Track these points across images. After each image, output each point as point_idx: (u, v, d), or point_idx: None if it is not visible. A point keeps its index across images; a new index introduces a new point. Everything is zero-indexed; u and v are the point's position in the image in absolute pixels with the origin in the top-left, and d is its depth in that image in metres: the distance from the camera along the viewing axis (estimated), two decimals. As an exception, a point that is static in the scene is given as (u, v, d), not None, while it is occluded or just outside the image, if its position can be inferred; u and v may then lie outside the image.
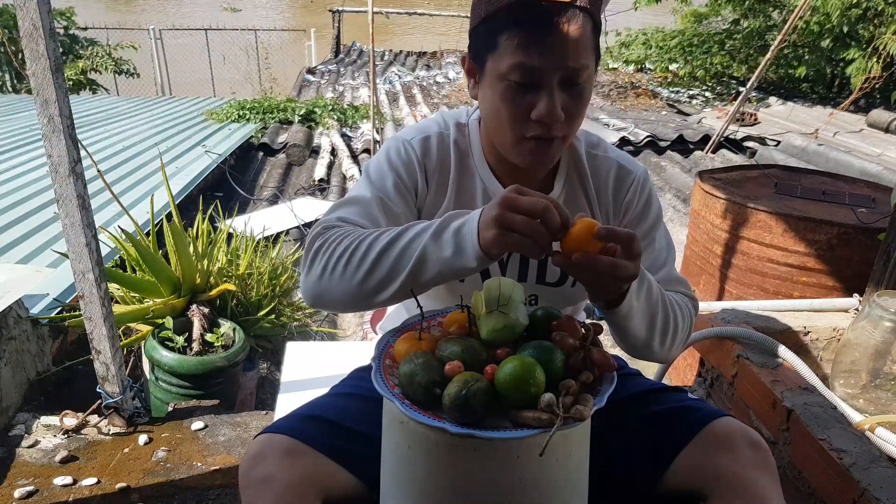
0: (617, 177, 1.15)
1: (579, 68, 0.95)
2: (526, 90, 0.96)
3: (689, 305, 1.13)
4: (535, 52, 0.93)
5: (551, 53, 0.93)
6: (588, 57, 0.96)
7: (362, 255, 0.95)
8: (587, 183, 1.14)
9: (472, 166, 1.13)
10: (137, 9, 21.97)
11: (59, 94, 1.56)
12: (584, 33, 0.95)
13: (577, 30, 0.93)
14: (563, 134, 1.00)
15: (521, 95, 0.97)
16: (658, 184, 5.39)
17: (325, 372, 1.72)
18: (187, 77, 11.73)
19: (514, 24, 0.94)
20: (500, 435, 0.79)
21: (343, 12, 13.03)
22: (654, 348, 1.04)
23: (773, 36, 8.28)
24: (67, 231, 1.68)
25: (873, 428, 1.60)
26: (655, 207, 1.17)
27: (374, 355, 0.93)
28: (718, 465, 0.98)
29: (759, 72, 6.02)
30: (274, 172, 5.51)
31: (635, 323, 0.99)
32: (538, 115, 0.96)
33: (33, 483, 1.71)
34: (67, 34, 9.82)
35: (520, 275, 1.14)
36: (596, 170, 1.14)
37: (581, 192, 1.14)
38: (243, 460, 0.99)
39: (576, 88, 0.97)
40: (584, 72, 0.96)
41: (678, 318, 1.06)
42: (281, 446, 0.98)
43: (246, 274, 2.66)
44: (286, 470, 0.95)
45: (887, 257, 1.93)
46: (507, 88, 0.97)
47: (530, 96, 0.96)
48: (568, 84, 0.96)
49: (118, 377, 1.86)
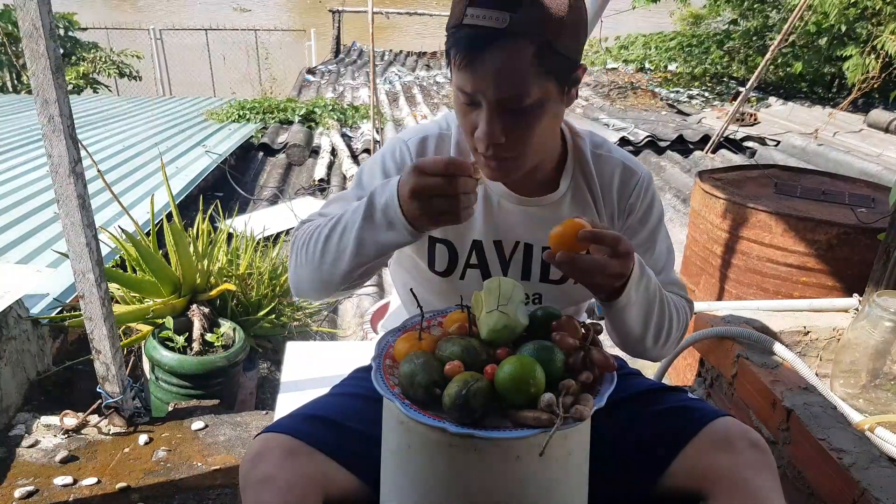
0: (622, 178, 1.15)
1: (514, 96, 0.93)
2: (471, 107, 0.97)
3: (685, 307, 1.14)
4: (469, 77, 0.93)
5: (482, 81, 0.93)
6: (528, 84, 0.92)
7: (315, 243, 1.04)
8: (592, 182, 1.14)
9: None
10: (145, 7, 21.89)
11: (59, 94, 1.56)
12: (520, 60, 0.91)
13: (509, 58, 0.90)
14: (511, 155, 0.99)
15: (468, 111, 0.98)
16: (658, 184, 5.39)
17: (325, 372, 1.72)
18: (187, 77, 11.72)
19: (455, 46, 0.94)
20: (500, 435, 0.79)
21: (343, 12, 13.03)
22: (647, 344, 1.06)
23: (772, 36, 8.28)
24: (67, 231, 1.68)
25: (873, 428, 1.60)
26: (658, 210, 1.18)
27: (374, 355, 0.93)
28: (718, 465, 0.98)
29: (759, 72, 6.02)
30: (274, 172, 5.51)
31: (631, 317, 1.00)
32: (478, 135, 0.97)
33: (33, 483, 1.71)
34: (69, 37, 9.82)
35: (523, 273, 1.15)
36: (601, 169, 1.15)
37: (587, 191, 1.14)
38: (244, 460, 0.99)
39: (519, 112, 0.95)
40: (524, 99, 0.93)
41: (673, 317, 1.07)
42: (282, 446, 0.98)
43: (246, 274, 2.66)
44: (287, 470, 0.95)
45: (887, 257, 1.93)
46: (460, 102, 0.99)
47: (475, 113, 0.97)
48: (509, 108, 0.94)
49: (118, 377, 1.87)
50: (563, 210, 1.13)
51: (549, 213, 1.12)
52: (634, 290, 0.97)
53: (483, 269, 1.14)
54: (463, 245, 1.13)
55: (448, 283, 1.16)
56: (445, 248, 1.14)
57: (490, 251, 1.14)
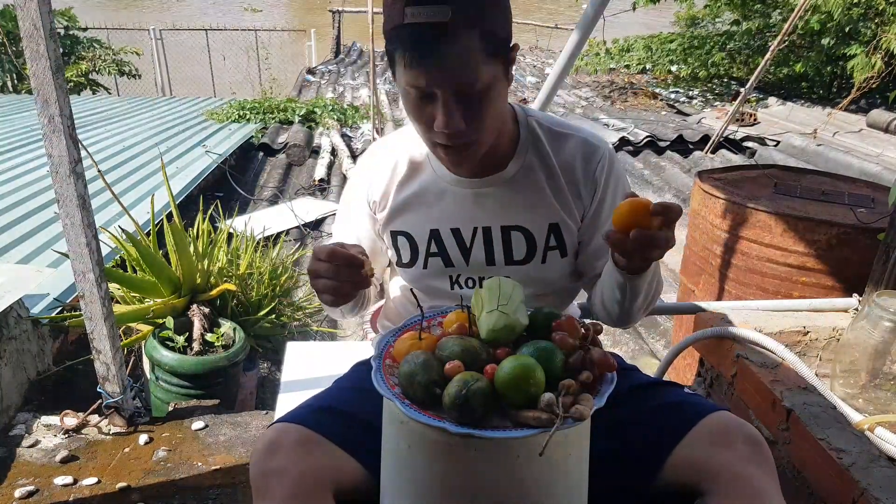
0: (584, 154, 1.18)
1: (468, 83, 0.97)
2: (425, 101, 1.01)
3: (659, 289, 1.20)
4: (420, 73, 0.97)
5: (435, 74, 0.97)
6: (479, 69, 0.97)
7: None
8: (548, 160, 1.17)
9: (424, 160, 1.19)
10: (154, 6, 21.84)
11: (59, 94, 1.56)
12: (468, 50, 0.95)
13: (457, 49, 0.95)
14: (472, 139, 1.04)
15: (422, 106, 1.02)
16: (658, 184, 5.39)
17: (325, 372, 1.72)
18: (187, 77, 11.72)
19: (401, 46, 0.97)
20: (500, 435, 0.79)
21: (343, 12, 13.03)
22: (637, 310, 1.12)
23: (772, 36, 8.28)
24: (68, 231, 1.68)
25: (873, 428, 1.60)
26: (624, 181, 1.21)
27: (374, 355, 0.93)
28: (715, 460, 0.98)
29: (759, 72, 6.02)
30: (274, 172, 5.51)
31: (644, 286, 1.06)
32: (436, 127, 1.01)
33: (34, 483, 1.71)
34: (69, 35, 9.82)
35: (486, 258, 1.18)
36: (559, 148, 1.18)
37: (541, 171, 1.17)
38: (256, 450, 1.00)
39: (473, 97, 0.99)
40: (476, 84, 0.98)
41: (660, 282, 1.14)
42: (295, 436, 0.99)
43: (246, 274, 2.66)
44: (300, 461, 0.96)
45: (887, 257, 1.93)
46: (408, 100, 1.03)
47: (430, 107, 1.01)
48: (463, 95, 0.99)
49: (118, 377, 1.87)
50: (515, 189, 1.16)
51: (501, 193, 1.16)
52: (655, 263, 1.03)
53: (444, 256, 1.18)
54: (421, 235, 1.19)
55: (413, 273, 1.21)
56: (406, 240, 1.20)
57: (448, 238, 1.18)
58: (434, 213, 1.18)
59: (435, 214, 1.18)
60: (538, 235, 1.17)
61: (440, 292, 1.21)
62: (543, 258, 1.18)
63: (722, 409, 1.05)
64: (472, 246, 1.17)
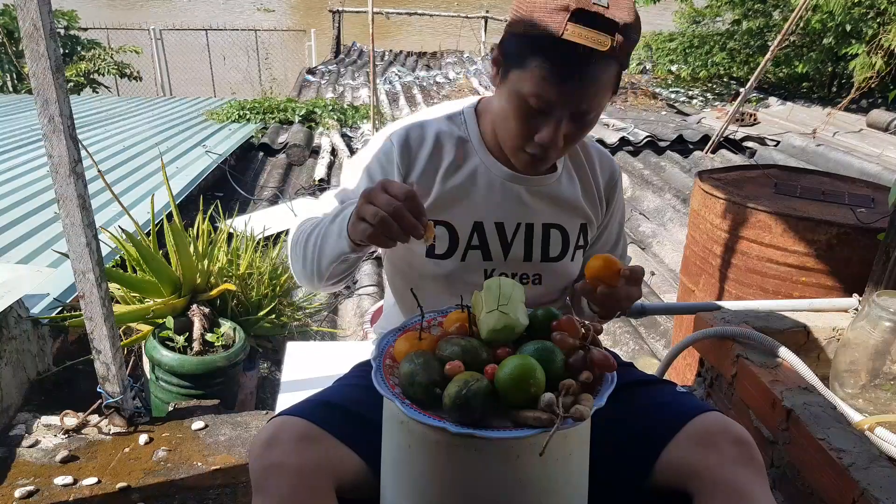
0: (602, 166, 1.27)
1: (590, 110, 1.02)
2: (537, 114, 1.01)
3: None
4: (556, 90, 0.97)
5: (571, 94, 0.98)
6: (605, 99, 1.01)
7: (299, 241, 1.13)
8: (581, 164, 1.24)
9: (471, 150, 1.17)
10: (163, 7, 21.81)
11: (59, 94, 1.56)
12: (607, 80, 0.99)
13: (600, 77, 0.97)
14: (560, 153, 1.09)
15: (531, 117, 1.02)
16: (658, 184, 5.39)
17: (325, 372, 1.72)
18: (187, 77, 11.73)
19: (545, 57, 0.96)
20: (500, 435, 0.79)
21: (343, 12, 13.03)
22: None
23: (772, 35, 8.28)
24: (68, 231, 1.68)
25: (873, 428, 1.60)
26: (622, 203, 1.33)
27: (374, 355, 0.93)
28: (701, 462, 0.98)
29: (759, 72, 6.01)
30: (274, 172, 5.51)
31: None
32: (540, 140, 1.03)
33: (34, 483, 1.71)
34: (69, 35, 9.82)
35: (525, 254, 1.19)
36: (587, 154, 1.26)
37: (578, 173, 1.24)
38: (256, 443, 0.99)
39: (583, 121, 1.03)
40: (593, 112, 1.02)
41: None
42: (295, 430, 0.98)
43: (246, 274, 2.66)
44: (300, 455, 0.95)
45: (887, 257, 1.93)
46: (521, 106, 1.02)
47: (538, 120, 1.02)
48: (577, 119, 1.02)
49: (118, 377, 1.87)
50: (562, 190, 1.20)
51: (550, 191, 1.20)
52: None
53: (484, 250, 1.17)
54: (464, 226, 1.17)
55: (447, 265, 1.17)
56: (445, 231, 1.17)
57: (491, 232, 1.17)
58: (481, 205, 1.16)
59: (482, 206, 1.16)
60: (572, 234, 1.22)
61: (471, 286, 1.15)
62: (573, 256, 1.23)
63: (711, 410, 1.05)
64: (514, 241, 1.18)
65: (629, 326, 3.30)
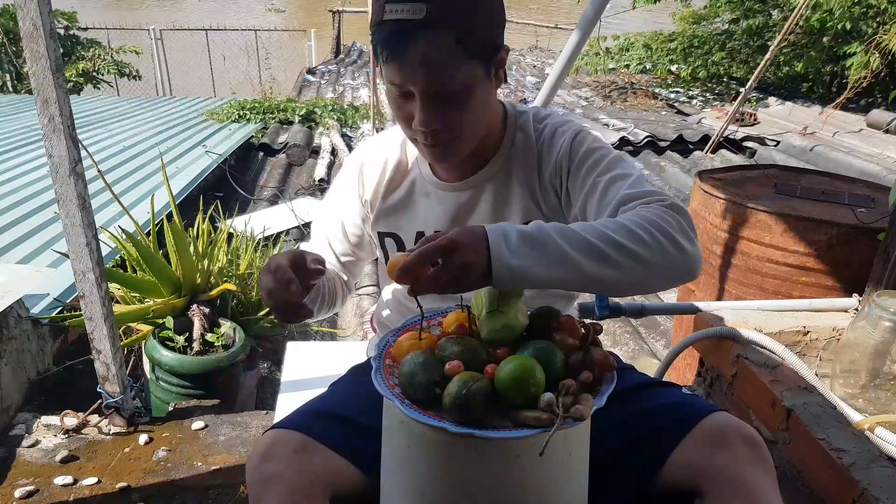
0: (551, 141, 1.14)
1: (441, 83, 0.98)
2: (404, 98, 1.03)
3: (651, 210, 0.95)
4: (397, 70, 0.99)
5: (409, 72, 0.98)
6: (454, 69, 0.98)
7: None
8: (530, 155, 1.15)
9: (412, 163, 1.22)
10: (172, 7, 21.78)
11: (59, 94, 1.56)
12: (442, 49, 0.96)
13: (430, 48, 0.96)
14: (451, 137, 1.05)
15: (402, 103, 1.04)
16: (658, 184, 5.39)
17: (325, 372, 1.72)
18: (187, 77, 11.72)
19: (380, 42, 0.99)
20: (500, 435, 0.79)
21: (343, 12, 13.03)
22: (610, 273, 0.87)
23: (772, 35, 8.27)
24: (68, 231, 1.68)
25: (873, 428, 1.60)
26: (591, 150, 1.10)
27: (374, 355, 0.93)
28: (713, 462, 0.98)
29: (759, 72, 6.01)
30: (274, 172, 5.50)
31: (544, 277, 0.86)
32: (414, 125, 1.03)
33: (34, 483, 1.71)
34: (69, 35, 9.82)
35: None
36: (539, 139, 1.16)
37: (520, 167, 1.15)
38: (252, 457, 1.00)
39: (450, 97, 1.00)
40: (451, 83, 0.98)
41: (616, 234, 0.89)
42: (291, 443, 0.99)
43: (246, 274, 2.66)
44: (295, 468, 0.96)
45: (887, 257, 1.93)
46: (392, 98, 1.05)
47: (409, 106, 1.03)
48: (439, 94, 1.00)
49: (118, 377, 1.87)
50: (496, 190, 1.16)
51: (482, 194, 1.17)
52: (508, 258, 0.83)
53: None
54: (409, 237, 1.21)
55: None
56: (393, 241, 1.23)
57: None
58: (420, 214, 1.21)
59: (421, 216, 1.21)
60: None
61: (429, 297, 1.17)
62: None
63: (720, 410, 1.05)
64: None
65: (629, 326, 3.30)
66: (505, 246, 0.84)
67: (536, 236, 0.87)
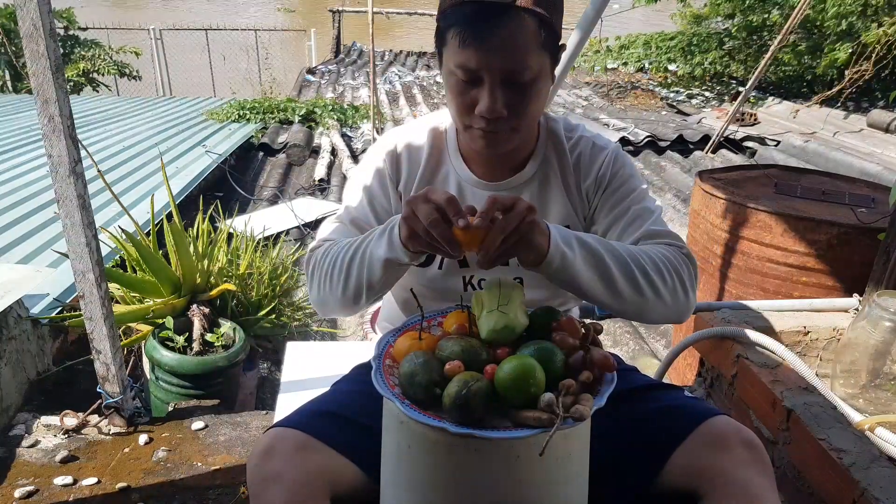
0: (592, 154, 1.18)
1: (519, 69, 0.98)
2: (471, 85, 1.01)
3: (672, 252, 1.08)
4: (473, 53, 0.97)
5: (489, 55, 0.96)
6: (531, 57, 0.98)
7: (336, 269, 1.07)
8: (565, 163, 1.17)
9: (445, 156, 1.19)
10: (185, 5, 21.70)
11: (59, 94, 1.56)
12: (525, 34, 0.96)
13: (516, 31, 0.96)
14: (510, 126, 1.04)
15: (466, 89, 1.01)
16: (658, 184, 5.39)
17: (325, 372, 1.72)
18: (187, 77, 11.72)
19: (458, 23, 0.97)
20: (500, 435, 0.79)
21: (343, 12, 13.03)
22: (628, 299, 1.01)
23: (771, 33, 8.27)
24: (68, 231, 1.68)
25: (873, 428, 1.60)
26: (628, 176, 1.18)
27: (374, 355, 0.93)
28: (713, 465, 0.98)
29: (759, 72, 6.01)
30: (274, 172, 5.51)
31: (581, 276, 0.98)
32: (479, 111, 1.01)
33: (34, 483, 1.71)
34: (68, 35, 9.81)
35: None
36: (573, 149, 1.18)
37: (557, 173, 1.17)
38: (252, 455, 1.00)
39: (520, 86, 1.00)
40: (527, 72, 0.98)
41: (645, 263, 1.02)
42: (292, 442, 0.99)
43: (246, 274, 2.66)
44: (297, 466, 0.96)
45: (887, 257, 1.93)
46: (455, 82, 1.02)
47: (475, 91, 1.01)
48: (511, 82, 0.99)
49: (118, 377, 1.87)
50: (533, 190, 1.17)
51: (519, 194, 1.16)
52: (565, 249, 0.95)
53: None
54: None
55: (428, 273, 1.19)
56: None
57: None
58: None
59: None
60: None
61: (453, 293, 1.18)
62: None
63: (720, 414, 1.05)
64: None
65: (629, 327, 3.30)
66: (561, 235, 0.96)
67: (586, 239, 0.99)
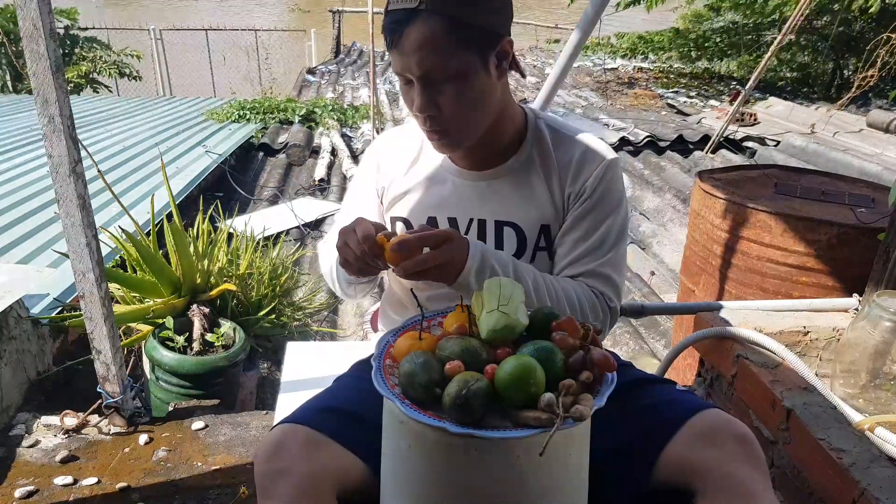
0: (581, 159, 1.18)
1: (433, 69, 1.02)
2: (410, 86, 1.08)
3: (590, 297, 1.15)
4: (396, 57, 1.05)
5: (404, 58, 1.03)
6: (446, 57, 1.02)
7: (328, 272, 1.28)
8: (550, 162, 1.19)
9: (427, 148, 1.23)
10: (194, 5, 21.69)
11: (59, 94, 1.56)
12: (434, 34, 1.00)
13: (422, 33, 1.00)
14: (449, 127, 1.09)
15: (408, 90, 1.09)
16: (658, 184, 5.38)
17: (325, 372, 1.72)
18: (187, 77, 11.73)
19: (384, 30, 1.05)
20: (500, 435, 0.79)
21: (343, 12, 13.03)
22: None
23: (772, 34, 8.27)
24: (68, 231, 1.68)
25: (873, 428, 1.60)
26: (615, 199, 1.19)
27: (374, 355, 0.93)
28: (704, 459, 0.97)
29: (759, 72, 6.01)
30: (274, 172, 5.51)
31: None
32: (415, 111, 1.08)
33: (34, 483, 1.71)
34: (69, 35, 9.81)
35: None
36: (561, 150, 1.19)
37: (540, 170, 1.19)
38: (260, 450, 1.00)
39: (445, 85, 1.04)
40: (444, 70, 1.02)
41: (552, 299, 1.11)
42: (300, 437, 0.99)
43: (246, 274, 2.66)
44: (304, 462, 0.96)
45: (887, 257, 1.93)
46: (401, 84, 1.10)
47: (413, 91, 1.07)
48: (432, 81, 1.04)
49: (118, 377, 1.87)
50: (513, 185, 1.19)
51: (499, 186, 1.19)
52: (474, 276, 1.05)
53: None
54: (419, 222, 1.22)
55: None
56: (403, 225, 1.24)
57: (444, 227, 1.20)
58: (433, 199, 1.22)
59: (433, 201, 1.22)
60: (529, 234, 1.19)
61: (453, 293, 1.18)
62: (532, 258, 1.20)
63: (712, 407, 1.04)
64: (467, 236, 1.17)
65: (629, 326, 3.30)
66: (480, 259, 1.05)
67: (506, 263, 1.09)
